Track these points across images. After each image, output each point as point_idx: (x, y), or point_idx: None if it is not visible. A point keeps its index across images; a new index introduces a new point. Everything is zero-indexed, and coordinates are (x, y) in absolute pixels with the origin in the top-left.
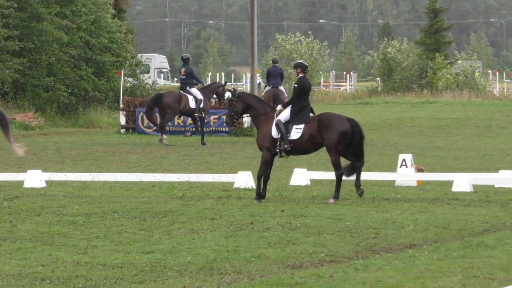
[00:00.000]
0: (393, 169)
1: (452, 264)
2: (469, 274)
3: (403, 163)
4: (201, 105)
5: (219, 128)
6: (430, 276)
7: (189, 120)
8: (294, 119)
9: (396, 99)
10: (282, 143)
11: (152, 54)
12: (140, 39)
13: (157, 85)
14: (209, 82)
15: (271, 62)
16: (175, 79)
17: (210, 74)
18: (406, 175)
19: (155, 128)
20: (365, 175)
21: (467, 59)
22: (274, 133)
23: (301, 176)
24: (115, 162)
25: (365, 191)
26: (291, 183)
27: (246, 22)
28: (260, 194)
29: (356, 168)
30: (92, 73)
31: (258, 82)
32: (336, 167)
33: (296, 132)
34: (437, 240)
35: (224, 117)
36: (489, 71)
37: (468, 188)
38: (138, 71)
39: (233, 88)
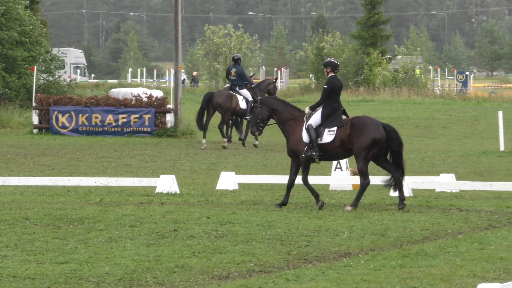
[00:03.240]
0: (327, 173)
1: (390, 274)
2: (408, 285)
3: (338, 166)
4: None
5: (140, 129)
6: (366, 286)
7: (108, 120)
8: (326, 122)
9: None
10: (310, 149)
11: (68, 49)
12: (55, 32)
13: (75, 82)
14: (129, 79)
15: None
16: (93, 75)
17: (130, 70)
18: (341, 178)
19: (71, 128)
20: (297, 179)
21: (407, 54)
22: (305, 137)
23: (228, 180)
24: (27, 165)
25: (297, 195)
26: (217, 187)
27: (170, 14)
28: (319, 200)
29: (396, 180)
30: (2, 69)
31: (182, 78)
32: (363, 174)
33: (328, 135)
34: (373, 248)
35: (146, 116)
36: (430, 67)
37: (407, 193)
38: (53, 67)
39: (253, 95)
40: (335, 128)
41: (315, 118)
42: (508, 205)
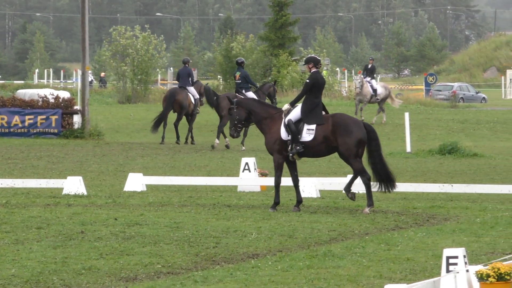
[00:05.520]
0: (236, 174)
1: (298, 275)
2: (315, 286)
3: (246, 167)
4: None
5: (47, 130)
6: (274, 287)
7: (14, 121)
8: (306, 118)
9: None
10: (293, 145)
11: None
12: None
13: None
14: (36, 80)
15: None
16: None
17: (37, 71)
18: (249, 179)
19: None
20: (205, 180)
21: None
22: (284, 135)
23: (136, 181)
24: None
25: (206, 197)
26: (125, 188)
27: (77, 14)
28: (278, 203)
29: (352, 179)
30: None
31: (90, 79)
32: (361, 172)
33: (308, 134)
34: (281, 249)
35: (51, 117)
36: (337, 68)
37: (314, 194)
38: None
39: (229, 96)
40: (314, 126)
41: (295, 113)
42: (414, 206)
